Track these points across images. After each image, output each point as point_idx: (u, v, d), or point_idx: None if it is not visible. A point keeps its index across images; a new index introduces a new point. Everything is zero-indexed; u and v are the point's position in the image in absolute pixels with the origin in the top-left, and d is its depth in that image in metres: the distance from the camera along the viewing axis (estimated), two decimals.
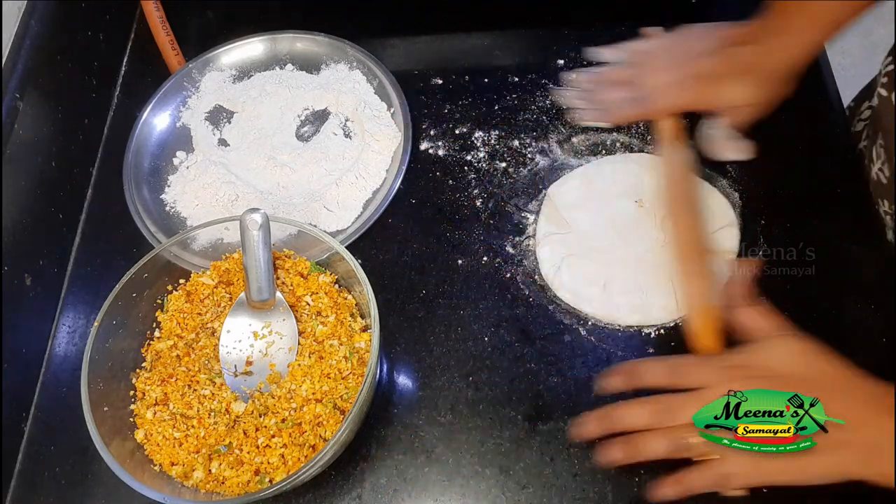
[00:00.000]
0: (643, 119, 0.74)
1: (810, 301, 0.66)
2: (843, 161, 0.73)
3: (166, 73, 0.83)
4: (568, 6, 0.85)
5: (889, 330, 0.64)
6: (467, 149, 0.77)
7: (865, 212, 0.71)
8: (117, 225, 0.75)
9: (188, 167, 0.77)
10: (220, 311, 0.65)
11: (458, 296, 0.69)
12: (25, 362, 0.68)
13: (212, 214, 0.73)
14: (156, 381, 0.62)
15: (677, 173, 0.69)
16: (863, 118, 0.78)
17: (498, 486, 0.60)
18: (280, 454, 0.58)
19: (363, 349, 0.61)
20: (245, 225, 0.61)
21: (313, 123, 0.80)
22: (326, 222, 0.72)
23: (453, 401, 0.64)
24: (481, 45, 0.84)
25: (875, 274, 0.67)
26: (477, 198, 0.74)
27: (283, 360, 0.63)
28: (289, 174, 0.75)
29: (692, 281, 0.64)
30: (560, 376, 0.64)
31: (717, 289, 0.62)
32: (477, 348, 0.66)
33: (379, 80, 0.80)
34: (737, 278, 0.62)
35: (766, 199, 0.70)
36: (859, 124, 0.78)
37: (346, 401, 0.60)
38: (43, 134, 0.73)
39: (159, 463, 0.59)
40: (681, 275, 0.65)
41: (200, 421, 0.60)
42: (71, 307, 0.72)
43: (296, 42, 0.84)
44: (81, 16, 0.81)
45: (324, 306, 0.64)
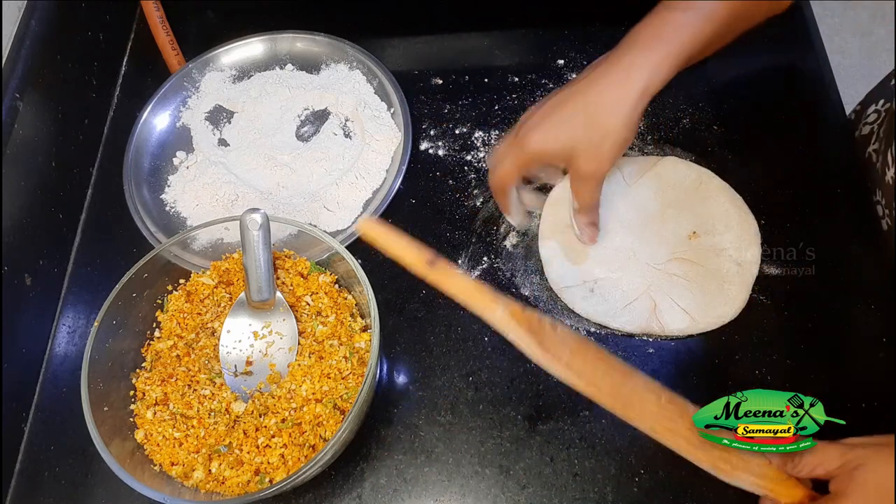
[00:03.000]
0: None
1: (810, 301, 0.66)
2: (843, 161, 0.73)
3: (166, 73, 0.83)
4: (568, 6, 0.85)
5: (889, 330, 0.64)
6: (467, 149, 0.77)
7: (865, 212, 0.71)
8: (117, 225, 0.75)
9: (188, 167, 0.77)
10: (220, 311, 0.65)
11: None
12: (25, 362, 0.68)
13: (212, 214, 0.73)
14: (156, 381, 0.62)
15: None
16: (869, 122, 0.77)
17: (498, 486, 0.60)
18: (280, 454, 0.58)
19: (363, 349, 0.61)
20: (245, 225, 0.61)
21: (313, 123, 0.80)
22: (326, 222, 0.72)
23: (453, 401, 0.64)
24: (481, 45, 0.84)
25: (875, 274, 0.67)
26: (477, 198, 0.74)
27: (283, 360, 0.63)
28: (289, 174, 0.75)
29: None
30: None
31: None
32: (477, 348, 0.66)
33: (379, 80, 0.80)
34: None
35: (766, 199, 0.70)
36: (865, 128, 0.77)
37: (346, 401, 0.60)
38: (43, 134, 0.73)
39: (159, 463, 0.59)
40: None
41: (200, 421, 0.60)
42: (71, 307, 0.72)
43: (296, 42, 0.84)
44: (81, 16, 0.81)
45: (324, 306, 0.64)
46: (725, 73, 0.79)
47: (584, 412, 0.63)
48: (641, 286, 0.67)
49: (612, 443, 0.61)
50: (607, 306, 0.66)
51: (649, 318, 0.65)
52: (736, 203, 0.69)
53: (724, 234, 0.68)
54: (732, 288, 0.66)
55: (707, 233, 0.68)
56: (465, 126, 0.78)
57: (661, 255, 0.68)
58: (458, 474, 0.61)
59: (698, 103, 0.77)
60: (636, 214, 0.70)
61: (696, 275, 0.67)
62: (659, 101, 0.77)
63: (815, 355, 0.64)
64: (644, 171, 0.72)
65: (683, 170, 0.72)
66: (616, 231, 0.70)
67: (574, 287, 0.67)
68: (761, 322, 0.65)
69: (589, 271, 0.68)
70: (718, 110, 0.76)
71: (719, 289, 0.66)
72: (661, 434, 0.52)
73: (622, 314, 0.66)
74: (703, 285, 0.66)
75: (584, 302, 0.67)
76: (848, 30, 1.77)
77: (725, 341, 0.65)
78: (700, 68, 0.79)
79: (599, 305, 0.66)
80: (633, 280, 0.67)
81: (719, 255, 0.67)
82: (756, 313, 0.66)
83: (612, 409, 0.53)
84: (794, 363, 0.63)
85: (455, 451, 0.62)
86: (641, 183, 0.71)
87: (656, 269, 0.68)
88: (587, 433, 0.62)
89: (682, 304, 0.65)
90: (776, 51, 0.80)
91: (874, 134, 0.75)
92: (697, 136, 0.75)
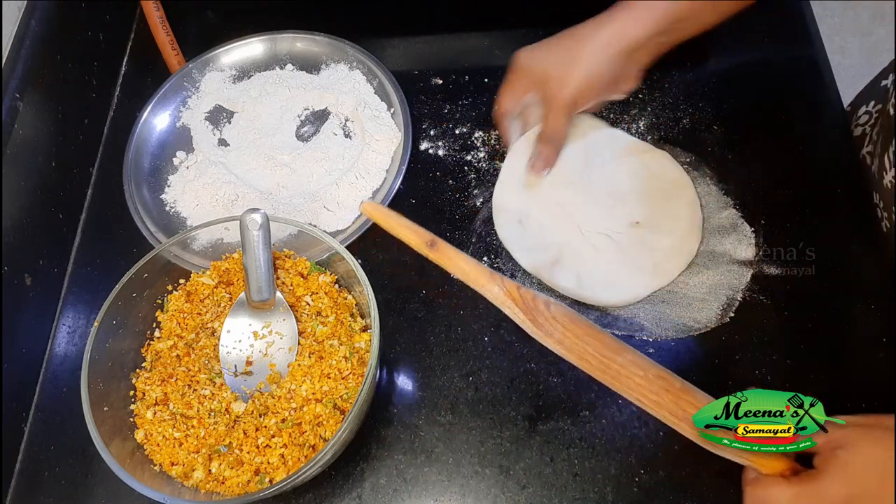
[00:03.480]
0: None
1: (810, 301, 0.66)
2: (843, 161, 0.73)
3: (166, 73, 0.83)
4: (568, 6, 0.85)
5: (889, 330, 0.64)
6: (467, 149, 0.77)
7: (865, 212, 0.71)
8: (117, 225, 0.75)
9: (188, 167, 0.77)
10: (220, 311, 0.65)
11: (458, 296, 0.69)
12: (25, 362, 0.68)
13: (212, 214, 0.73)
14: (156, 381, 0.62)
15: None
16: (860, 123, 0.77)
17: (498, 486, 0.60)
18: (280, 454, 0.58)
19: (363, 349, 0.62)
20: (245, 225, 0.61)
21: (313, 123, 0.80)
22: (326, 222, 0.72)
23: (453, 401, 0.64)
24: (481, 45, 0.84)
25: (875, 274, 0.67)
26: (477, 198, 0.74)
27: (283, 360, 0.63)
28: (289, 174, 0.75)
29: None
30: (560, 376, 0.64)
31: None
32: (477, 348, 0.66)
33: (379, 80, 0.80)
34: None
35: (766, 199, 0.70)
36: (857, 129, 0.78)
37: (346, 401, 0.60)
38: (43, 134, 0.73)
39: (159, 463, 0.59)
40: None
41: (200, 421, 0.60)
42: (71, 307, 0.72)
43: (296, 42, 0.84)
44: (81, 16, 0.81)
45: (324, 306, 0.64)
46: (725, 72, 0.79)
47: (584, 412, 0.63)
48: (558, 238, 0.69)
49: (612, 443, 0.61)
50: (523, 238, 0.69)
51: (547, 266, 0.67)
52: (694, 220, 0.69)
53: (663, 238, 0.68)
54: (635, 281, 0.67)
55: (650, 228, 0.69)
56: (465, 126, 0.78)
57: (595, 225, 0.70)
58: (458, 474, 0.61)
59: (698, 103, 0.77)
60: (602, 185, 0.71)
61: (610, 254, 0.68)
62: (659, 101, 0.77)
63: (815, 355, 0.64)
64: (634, 153, 0.73)
65: (669, 167, 0.72)
66: (574, 185, 0.71)
67: (506, 212, 0.70)
68: (761, 322, 0.65)
69: (525, 203, 0.70)
70: (718, 110, 0.76)
71: (621, 276, 0.67)
72: (648, 406, 0.54)
73: (529, 252, 0.68)
74: (608, 265, 0.68)
75: (507, 229, 0.69)
76: (848, 30, 1.77)
77: (725, 341, 0.65)
78: (700, 68, 0.79)
79: (516, 234, 0.69)
80: (556, 230, 0.69)
81: (644, 250, 0.68)
82: (756, 313, 0.66)
83: (602, 381, 0.56)
84: (794, 363, 0.63)
85: (455, 451, 0.62)
86: (624, 161, 0.73)
87: (581, 232, 0.69)
88: (587, 433, 0.62)
89: (576, 271, 0.67)
90: (776, 50, 0.80)
91: (867, 136, 0.75)
92: (697, 136, 0.75)
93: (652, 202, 0.70)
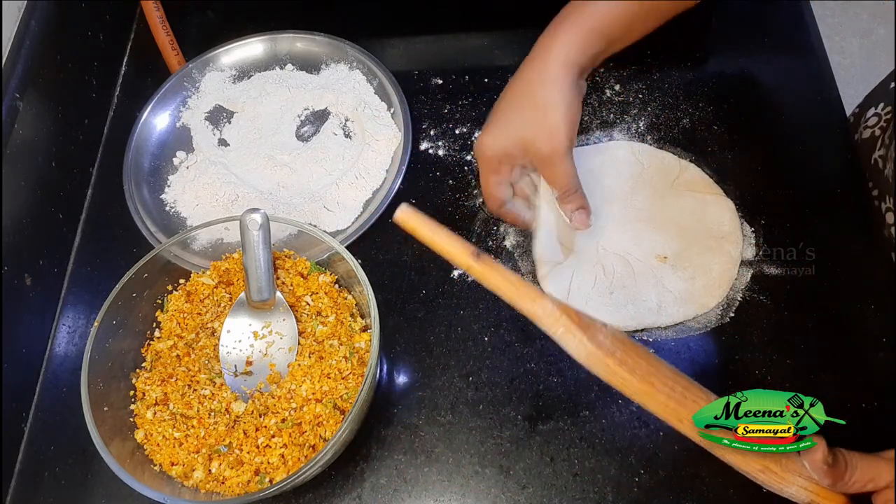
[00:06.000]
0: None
1: (810, 301, 0.66)
2: (843, 161, 0.73)
3: (166, 73, 0.83)
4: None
5: (889, 330, 0.64)
6: (467, 149, 0.77)
7: (865, 212, 0.71)
8: (117, 225, 0.75)
9: (188, 167, 0.77)
10: (220, 311, 0.65)
11: (458, 296, 0.69)
12: (25, 362, 0.68)
13: (212, 214, 0.73)
14: (156, 381, 0.62)
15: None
16: (869, 125, 0.77)
17: (498, 486, 0.60)
18: (280, 454, 0.58)
19: (363, 349, 0.62)
20: (245, 225, 0.61)
21: (313, 123, 0.80)
22: (326, 222, 0.72)
23: (453, 401, 0.64)
24: (481, 45, 0.84)
25: (875, 274, 0.67)
26: (477, 198, 0.74)
27: (283, 360, 0.63)
28: (289, 174, 0.75)
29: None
30: (560, 376, 0.64)
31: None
32: (477, 348, 0.66)
33: (379, 80, 0.80)
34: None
35: (766, 199, 0.70)
36: (866, 131, 0.77)
37: (346, 401, 0.60)
38: (43, 134, 0.73)
39: (159, 463, 0.59)
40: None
41: (200, 421, 0.60)
42: (71, 307, 0.72)
43: (296, 42, 0.84)
44: (81, 16, 0.81)
45: (324, 306, 0.64)
46: (725, 73, 0.79)
47: (584, 412, 0.63)
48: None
49: (612, 443, 0.61)
50: (599, 302, 0.66)
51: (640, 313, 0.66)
52: (722, 280, 0.66)
53: (679, 283, 0.66)
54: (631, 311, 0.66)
55: (672, 268, 0.67)
56: (465, 126, 0.78)
57: (614, 245, 0.69)
58: (458, 474, 0.61)
59: (698, 103, 0.77)
60: (643, 210, 0.70)
61: (618, 278, 0.67)
62: (659, 101, 0.77)
63: (815, 355, 0.64)
64: (698, 189, 0.71)
65: (727, 218, 0.69)
66: (611, 205, 0.70)
67: (566, 286, 0.67)
68: (761, 322, 0.65)
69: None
70: (718, 110, 0.76)
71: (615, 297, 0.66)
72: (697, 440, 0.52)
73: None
74: (612, 286, 0.67)
75: (581, 302, 0.66)
76: (848, 30, 1.77)
77: (725, 341, 0.65)
78: (700, 68, 0.79)
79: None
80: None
81: (653, 286, 0.66)
82: (756, 313, 0.66)
83: (664, 407, 0.52)
84: (794, 363, 0.63)
85: (455, 451, 0.62)
86: (683, 194, 0.71)
87: (597, 250, 0.68)
88: (587, 433, 0.62)
89: (574, 286, 0.67)
90: (776, 51, 0.80)
91: (878, 139, 0.74)
92: (697, 136, 0.75)
93: (689, 247, 0.68)
